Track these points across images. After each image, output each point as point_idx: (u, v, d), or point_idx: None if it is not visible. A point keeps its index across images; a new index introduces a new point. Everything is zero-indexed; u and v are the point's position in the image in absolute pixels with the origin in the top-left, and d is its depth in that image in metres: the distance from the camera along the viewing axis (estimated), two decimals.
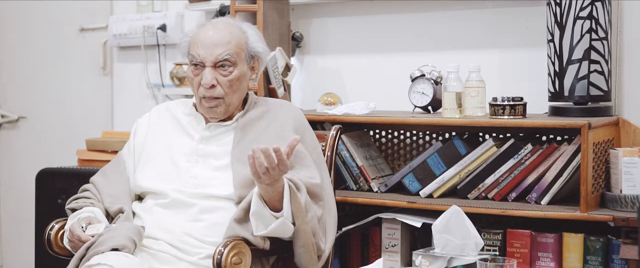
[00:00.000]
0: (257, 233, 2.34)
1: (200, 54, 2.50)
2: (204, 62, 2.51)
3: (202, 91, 2.52)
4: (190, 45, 2.55)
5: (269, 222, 2.33)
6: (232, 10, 3.12)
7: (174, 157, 2.57)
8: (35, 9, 4.32)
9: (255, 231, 2.34)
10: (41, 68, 4.33)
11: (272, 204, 2.33)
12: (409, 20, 3.22)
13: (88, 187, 2.65)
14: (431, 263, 2.50)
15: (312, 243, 2.40)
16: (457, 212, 2.50)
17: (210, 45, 2.51)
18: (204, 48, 2.51)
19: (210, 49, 2.50)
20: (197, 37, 2.54)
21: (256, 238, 2.36)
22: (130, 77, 4.01)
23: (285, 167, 2.26)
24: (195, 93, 2.55)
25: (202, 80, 2.50)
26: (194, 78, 2.53)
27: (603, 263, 2.58)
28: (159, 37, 3.81)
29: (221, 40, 2.51)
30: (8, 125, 4.49)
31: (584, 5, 2.67)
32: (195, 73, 2.53)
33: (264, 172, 2.24)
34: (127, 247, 2.34)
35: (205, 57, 2.50)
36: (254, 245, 2.36)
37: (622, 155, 2.59)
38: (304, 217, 2.36)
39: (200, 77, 2.52)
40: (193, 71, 2.53)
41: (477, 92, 2.77)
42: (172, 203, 2.50)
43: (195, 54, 2.51)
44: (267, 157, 2.23)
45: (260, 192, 2.32)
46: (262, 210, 2.32)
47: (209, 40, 2.51)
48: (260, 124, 2.59)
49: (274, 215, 2.33)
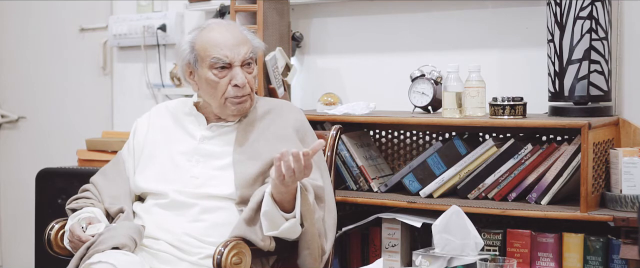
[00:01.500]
0: (267, 233, 2.34)
1: (228, 55, 2.50)
2: (232, 63, 2.50)
3: (231, 91, 2.51)
4: (203, 50, 2.52)
5: (279, 223, 2.33)
6: (232, 10, 3.12)
7: (174, 157, 2.57)
8: (35, 9, 4.32)
9: (265, 231, 2.34)
10: (41, 68, 4.33)
11: (282, 205, 2.33)
12: (409, 20, 3.22)
13: (88, 187, 2.66)
14: (431, 263, 2.50)
15: (317, 245, 2.40)
16: (457, 212, 2.50)
17: (234, 45, 2.51)
18: (229, 49, 2.50)
19: (236, 49, 2.50)
20: (213, 40, 2.52)
21: (264, 240, 2.36)
22: (130, 77, 4.01)
23: (310, 171, 2.26)
24: (219, 95, 2.52)
25: (235, 81, 2.49)
26: (219, 81, 2.51)
27: (603, 263, 2.58)
28: (159, 37, 3.81)
29: (241, 39, 2.53)
30: (8, 125, 4.49)
31: (584, 5, 2.67)
32: (221, 75, 2.51)
33: (290, 175, 2.24)
34: (128, 245, 2.34)
35: (233, 57, 2.50)
36: (256, 246, 2.36)
37: (622, 155, 2.59)
38: (312, 219, 2.36)
39: (227, 78, 2.50)
40: (218, 74, 2.52)
41: (477, 92, 2.77)
42: (173, 204, 2.50)
43: (221, 56, 2.50)
44: (297, 161, 2.22)
45: (272, 192, 2.32)
46: (273, 211, 2.32)
47: (230, 40, 2.51)
48: (262, 124, 2.59)
49: (285, 216, 2.33)
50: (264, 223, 2.34)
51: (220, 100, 2.54)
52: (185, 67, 2.58)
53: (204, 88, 2.55)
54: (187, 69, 2.58)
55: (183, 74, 2.61)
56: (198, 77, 2.56)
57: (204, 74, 2.53)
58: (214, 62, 2.51)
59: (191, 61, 2.55)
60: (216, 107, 2.57)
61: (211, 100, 2.56)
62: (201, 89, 2.57)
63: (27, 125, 4.43)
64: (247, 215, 2.37)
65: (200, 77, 2.55)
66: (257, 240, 2.36)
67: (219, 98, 2.53)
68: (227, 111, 2.56)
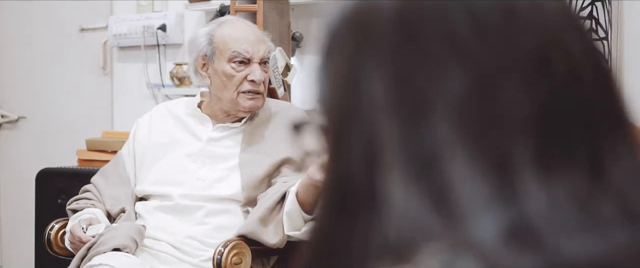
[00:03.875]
0: (288, 233, 2.33)
1: (249, 51, 2.49)
2: (251, 59, 2.50)
3: (247, 86, 2.50)
4: (224, 43, 2.51)
5: (299, 224, 2.32)
6: (232, 10, 3.12)
7: (179, 159, 2.55)
8: (35, 9, 4.32)
9: (286, 230, 2.33)
10: (41, 68, 4.33)
11: (303, 205, 2.31)
12: None
13: (89, 188, 2.65)
14: None
15: None
16: None
17: (255, 42, 2.51)
18: (250, 44, 2.50)
19: (256, 45, 2.51)
20: (235, 35, 2.51)
21: (275, 240, 2.36)
22: (130, 77, 4.01)
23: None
24: (233, 89, 2.50)
25: (253, 76, 2.48)
26: (236, 75, 2.49)
27: None
28: (159, 37, 3.81)
29: (260, 38, 2.54)
30: (8, 125, 4.49)
31: (584, 5, 2.67)
32: (238, 69, 2.50)
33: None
34: (129, 246, 2.34)
35: (253, 53, 2.50)
36: (258, 246, 2.36)
37: None
38: None
39: (244, 73, 2.49)
40: (236, 68, 2.50)
41: None
42: (177, 207, 2.49)
43: (242, 51, 2.49)
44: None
45: (299, 191, 2.30)
46: (297, 211, 2.31)
47: (252, 37, 2.51)
48: (268, 126, 2.58)
49: (305, 217, 2.32)
50: (285, 222, 2.33)
51: (233, 94, 2.51)
52: (200, 59, 2.54)
53: (218, 81, 2.52)
54: (201, 61, 2.54)
55: (195, 66, 2.56)
56: (212, 70, 2.53)
57: (221, 67, 2.51)
58: (234, 55, 2.49)
59: (208, 53, 2.52)
60: (227, 101, 2.53)
61: (223, 93, 2.53)
62: (213, 82, 2.54)
63: (27, 125, 4.43)
64: (263, 214, 2.36)
65: (216, 70, 2.52)
66: (268, 240, 2.35)
67: (233, 92, 2.51)
68: (238, 106, 2.53)
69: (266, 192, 2.42)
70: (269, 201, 2.37)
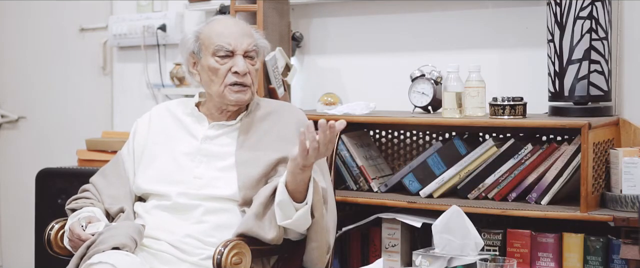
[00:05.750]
0: (281, 223, 2.35)
1: (231, 43, 2.53)
2: (235, 51, 2.53)
3: (231, 78, 2.53)
4: (208, 38, 2.55)
5: (291, 213, 2.34)
6: (232, 10, 3.12)
7: (177, 158, 2.57)
8: (35, 9, 4.32)
9: (279, 221, 2.35)
10: (41, 68, 4.33)
11: (294, 195, 2.33)
12: (409, 20, 3.22)
13: (88, 187, 2.66)
14: (431, 263, 2.50)
15: (325, 240, 2.42)
16: (457, 212, 2.50)
17: (239, 35, 2.54)
18: (233, 38, 2.53)
19: (240, 38, 2.54)
20: (218, 30, 2.55)
21: (272, 234, 2.37)
22: (130, 77, 4.01)
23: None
24: (219, 82, 2.54)
25: (236, 68, 2.52)
26: (220, 67, 2.53)
27: (603, 264, 2.58)
28: (159, 37, 3.81)
29: (246, 32, 2.57)
30: (8, 125, 4.49)
31: (584, 5, 2.67)
32: (222, 62, 2.53)
33: (314, 148, 2.24)
34: (128, 245, 2.34)
35: (236, 46, 2.53)
36: (258, 245, 2.36)
37: (622, 155, 2.59)
38: (322, 210, 2.37)
39: (228, 65, 2.53)
40: (220, 61, 2.53)
41: (477, 92, 2.77)
42: (175, 206, 2.50)
43: (224, 44, 2.53)
44: (323, 132, 2.24)
45: (287, 180, 2.32)
46: (287, 200, 2.33)
47: (235, 31, 2.55)
48: (263, 125, 2.60)
49: (296, 206, 2.34)
50: (277, 213, 2.35)
51: (220, 88, 2.54)
52: (189, 58, 2.61)
53: (205, 77, 2.57)
54: (190, 59, 2.60)
55: (187, 65, 2.62)
56: (201, 67, 2.58)
57: (207, 62, 2.55)
58: (218, 48, 2.53)
59: (195, 50, 2.58)
60: (216, 96, 2.57)
61: (212, 88, 2.56)
62: (203, 79, 2.59)
63: (27, 125, 4.43)
64: (257, 209, 2.38)
65: (203, 67, 2.57)
66: (264, 235, 2.36)
67: (219, 85, 2.54)
68: (225, 100, 2.56)
69: (260, 190, 2.43)
70: (262, 196, 2.39)
